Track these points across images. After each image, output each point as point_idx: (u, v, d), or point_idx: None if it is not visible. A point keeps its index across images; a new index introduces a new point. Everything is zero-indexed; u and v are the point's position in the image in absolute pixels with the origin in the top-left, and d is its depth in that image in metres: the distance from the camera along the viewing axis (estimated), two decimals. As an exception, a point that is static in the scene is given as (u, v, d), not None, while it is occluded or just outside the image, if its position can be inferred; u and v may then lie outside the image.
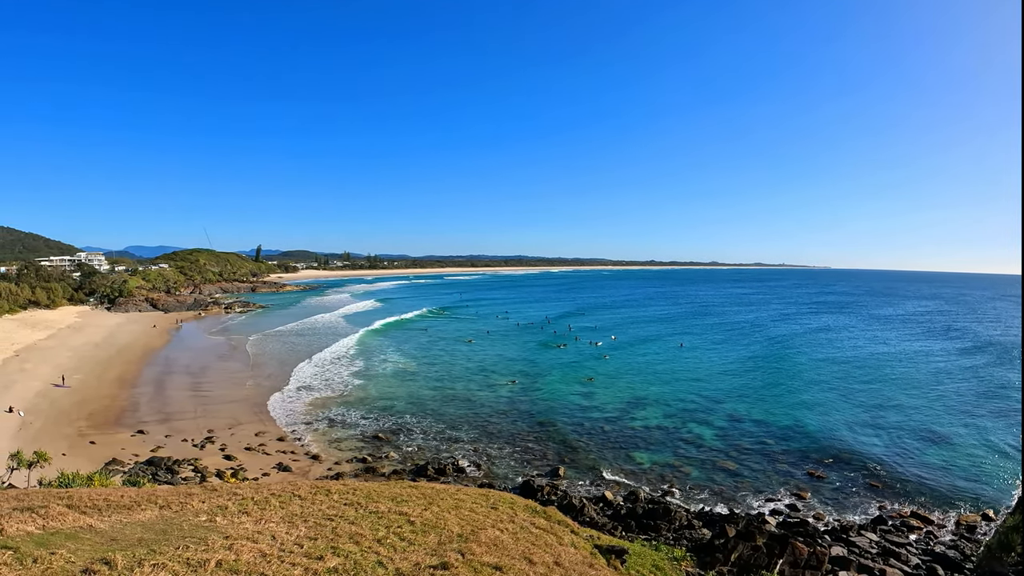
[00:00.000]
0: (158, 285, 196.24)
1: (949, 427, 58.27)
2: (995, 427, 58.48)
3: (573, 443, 51.26)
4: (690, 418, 59.65)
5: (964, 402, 68.61)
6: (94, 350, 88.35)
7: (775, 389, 73.52)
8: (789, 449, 50.62)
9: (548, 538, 16.12)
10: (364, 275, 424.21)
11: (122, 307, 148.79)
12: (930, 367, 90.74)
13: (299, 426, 54.69)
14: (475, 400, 65.43)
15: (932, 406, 66.40)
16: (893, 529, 36.07)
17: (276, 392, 66.57)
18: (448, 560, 11.33)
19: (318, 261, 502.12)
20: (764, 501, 40.18)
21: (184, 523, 13.33)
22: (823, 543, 31.95)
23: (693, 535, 32.28)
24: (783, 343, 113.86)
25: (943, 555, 32.70)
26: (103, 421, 53.89)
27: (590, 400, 66.21)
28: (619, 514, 36.06)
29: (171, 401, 61.58)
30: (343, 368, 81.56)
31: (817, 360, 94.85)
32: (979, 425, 59.05)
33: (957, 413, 63.63)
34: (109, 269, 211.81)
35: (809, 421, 58.94)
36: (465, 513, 16.85)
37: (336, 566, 10.33)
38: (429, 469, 43.48)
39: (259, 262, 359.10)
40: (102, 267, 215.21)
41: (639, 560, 19.64)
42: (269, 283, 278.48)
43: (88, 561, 9.25)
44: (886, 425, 58.27)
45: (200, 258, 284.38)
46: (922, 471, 46.30)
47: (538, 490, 38.30)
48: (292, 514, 14.98)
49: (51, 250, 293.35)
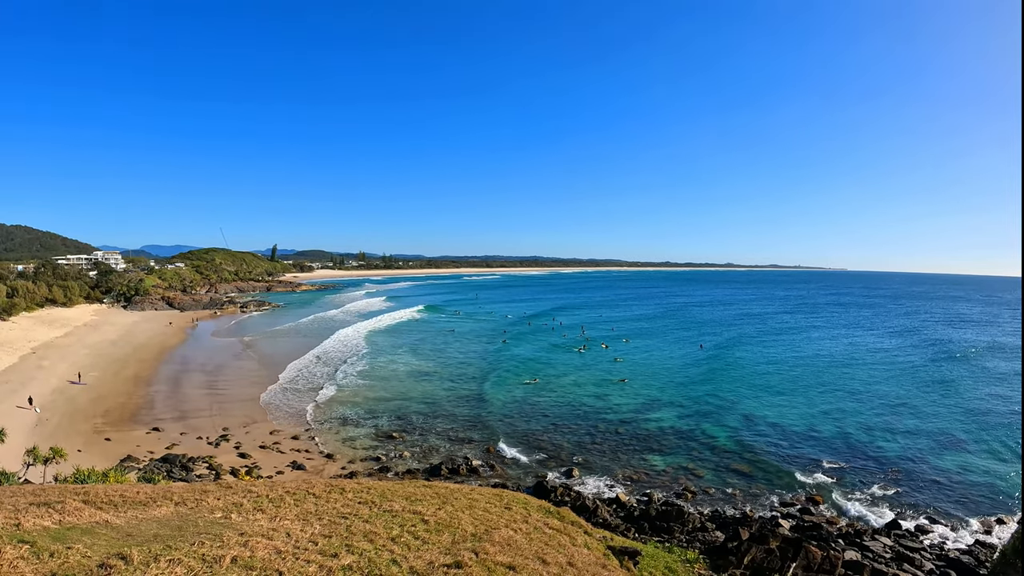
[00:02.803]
0: (174, 284, 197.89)
1: (965, 431, 57.46)
2: (1011, 431, 57.65)
3: (587, 444, 51.14)
4: (704, 420, 59.31)
5: (980, 406, 67.63)
6: (110, 348, 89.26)
7: (789, 390, 72.96)
8: (803, 452, 50.18)
9: (561, 539, 16.05)
10: (379, 275, 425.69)
11: (138, 305, 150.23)
12: (945, 371, 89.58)
13: (313, 425, 54.97)
14: (489, 400, 65.45)
15: (948, 410, 65.55)
16: (907, 534, 35.69)
17: (291, 391, 66.99)
18: (462, 559, 11.29)
19: (333, 261, 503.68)
20: (778, 504, 39.87)
21: (199, 520, 13.39)
22: (836, 547, 31.66)
23: (706, 537, 32.11)
24: (796, 346, 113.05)
25: (957, 560, 32.36)
26: (119, 418, 54.40)
27: (604, 401, 65.99)
28: (632, 516, 35.93)
29: (186, 399, 62.06)
30: (358, 367, 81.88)
31: (830, 363, 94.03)
32: (995, 429, 58.22)
33: (973, 417, 62.75)
34: (126, 268, 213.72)
35: (823, 424, 58.41)
36: (479, 513, 16.82)
37: (351, 564, 10.32)
38: (443, 469, 43.57)
39: (274, 261, 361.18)
40: (119, 266, 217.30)
41: (652, 562, 19.53)
42: (284, 282, 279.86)
43: (104, 556, 9.29)
44: (901, 429, 57.61)
45: (216, 257, 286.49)
46: (938, 475, 45.74)
47: (551, 491, 38.22)
48: (307, 512, 15.02)
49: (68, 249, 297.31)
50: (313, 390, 67.69)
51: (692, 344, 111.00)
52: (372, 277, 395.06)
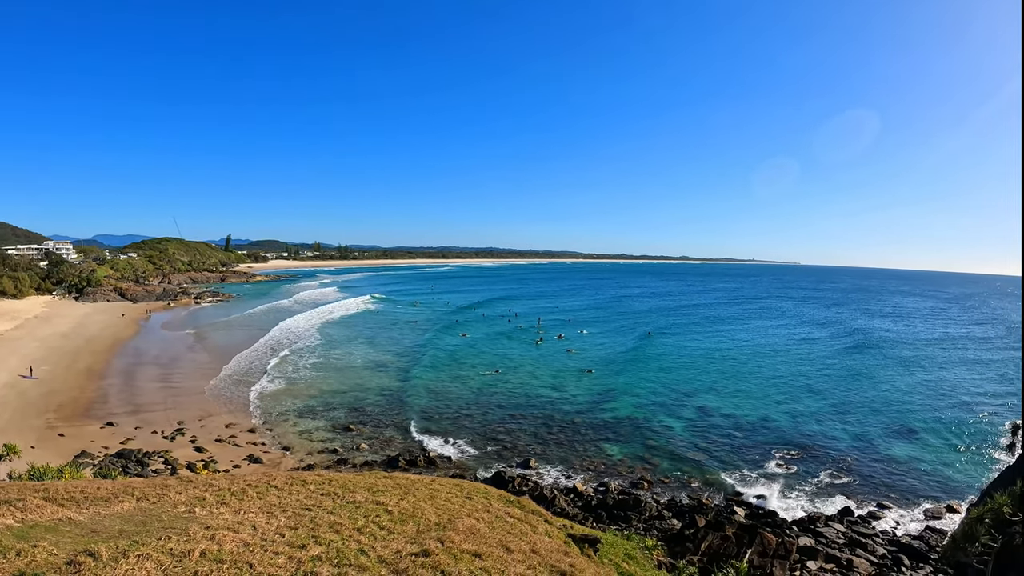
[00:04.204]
0: (127, 275, 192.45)
1: (915, 421, 60.09)
2: (960, 421, 60.48)
3: (543, 435, 51.85)
4: (660, 410, 60.63)
5: (930, 397, 70.78)
6: (62, 340, 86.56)
7: (743, 381, 75.03)
8: (758, 441, 51.79)
9: (523, 527, 16.46)
10: (335, 265, 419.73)
11: (90, 297, 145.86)
12: (897, 361, 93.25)
13: (270, 417, 54.54)
14: (445, 391, 65.80)
15: (899, 400, 68.37)
16: (860, 520, 37.05)
17: (246, 383, 66.17)
18: (429, 548, 11.60)
19: (288, 251, 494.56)
20: (733, 492, 41.12)
21: (163, 514, 13.39)
22: (791, 533, 32.86)
23: (663, 525, 33.02)
24: (747, 337, 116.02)
25: (909, 545, 33.76)
26: (72, 413, 52.99)
27: (560, 392, 66.93)
28: (590, 505, 36.71)
29: (141, 392, 60.73)
30: (312, 359, 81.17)
31: (782, 354, 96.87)
32: (944, 419, 61.04)
33: (923, 407, 65.64)
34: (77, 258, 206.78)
35: (777, 414, 60.33)
36: (441, 503, 17.11)
37: (319, 554, 10.54)
38: (401, 460, 43.78)
39: (229, 252, 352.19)
40: (70, 256, 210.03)
41: (612, 549, 20.10)
42: (239, 273, 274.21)
43: (71, 553, 9.32)
44: (853, 419, 59.89)
45: (169, 247, 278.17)
46: (889, 464, 47.71)
47: (509, 481, 38.75)
48: (270, 504, 15.10)
49: (18, 239, 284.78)
50: (268, 382, 66.97)
51: (642, 335, 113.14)
52: (328, 268, 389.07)
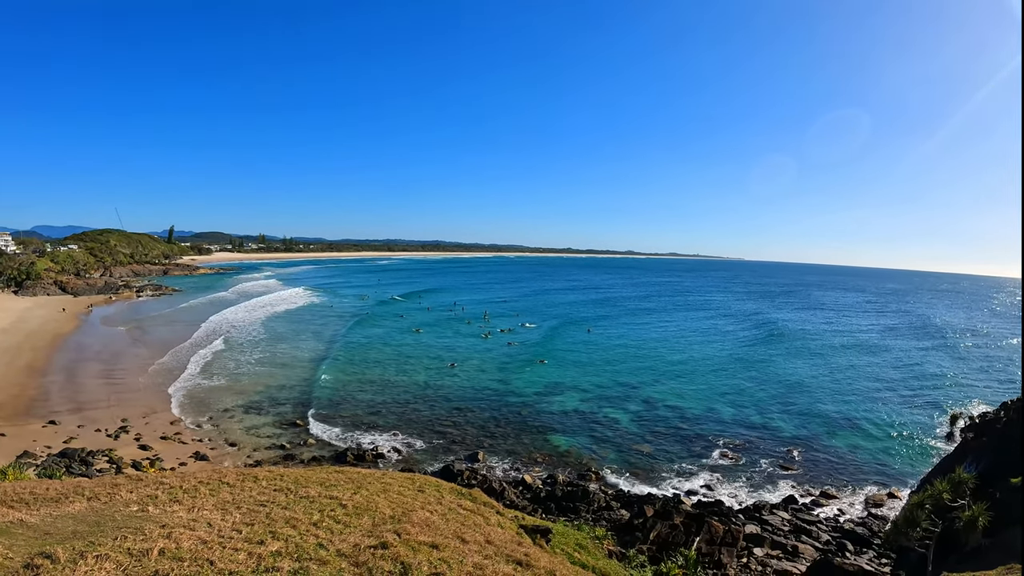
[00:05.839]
0: (67, 267, 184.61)
1: (856, 411, 62.84)
2: (899, 410, 63.67)
3: (491, 428, 52.48)
4: (606, 403, 61.86)
5: (870, 386, 74.18)
6: (1, 336, 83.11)
7: (687, 373, 77.07)
8: (703, 432, 53.42)
9: (476, 519, 16.93)
10: (280, 258, 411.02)
11: (29, 290, 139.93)
12: (838, 352, 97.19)
13: (215, 413, 53.74)
14: (392, 385, 65.79)
15: (840, 390, 71.45)
16: (804, 508, 38.67)
17: (191, 379, 64.77)
18: (386, 540, 11.94)
19: (233, 243, 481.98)
20: (680, 482, 42.47)
21: (116, 514, 13.36)
22: (737, 522, 34.07)
23: (612, 516, 33.90)
24: (691, 329, 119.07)
25: (852, 531, 35.39)
26: (12, 412, 50.99)
27: (506, 385, 67.60)
28: (539, 497, 37.35)
29: (83, 389, 58.77)
30: (258, 353, 79.84)
31: (725, 346, 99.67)
32: (884, 408, 64.14)
33: (864, 397, 68.79)
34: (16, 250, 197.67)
35: (721, 405, 62.31)
36: (394, 496, 17.41)
37: (278, 549, 10.77)
38: (349, 455, 43.87)
39: (172, 244, 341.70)
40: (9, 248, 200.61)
41: (563, 539, 20.75)
42: (182, 266, 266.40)
43: (27, 556, 9.32)
44: (795, 409, 62.29)
45: (111, 239, 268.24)
46: (831, 453, 49.88)
47: (458, 474, 39.03)
48: (224, 501, 15.17)
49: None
50: (212, 378, 65.64)
51: (586, 327, 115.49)
52: (272, 260, 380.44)
